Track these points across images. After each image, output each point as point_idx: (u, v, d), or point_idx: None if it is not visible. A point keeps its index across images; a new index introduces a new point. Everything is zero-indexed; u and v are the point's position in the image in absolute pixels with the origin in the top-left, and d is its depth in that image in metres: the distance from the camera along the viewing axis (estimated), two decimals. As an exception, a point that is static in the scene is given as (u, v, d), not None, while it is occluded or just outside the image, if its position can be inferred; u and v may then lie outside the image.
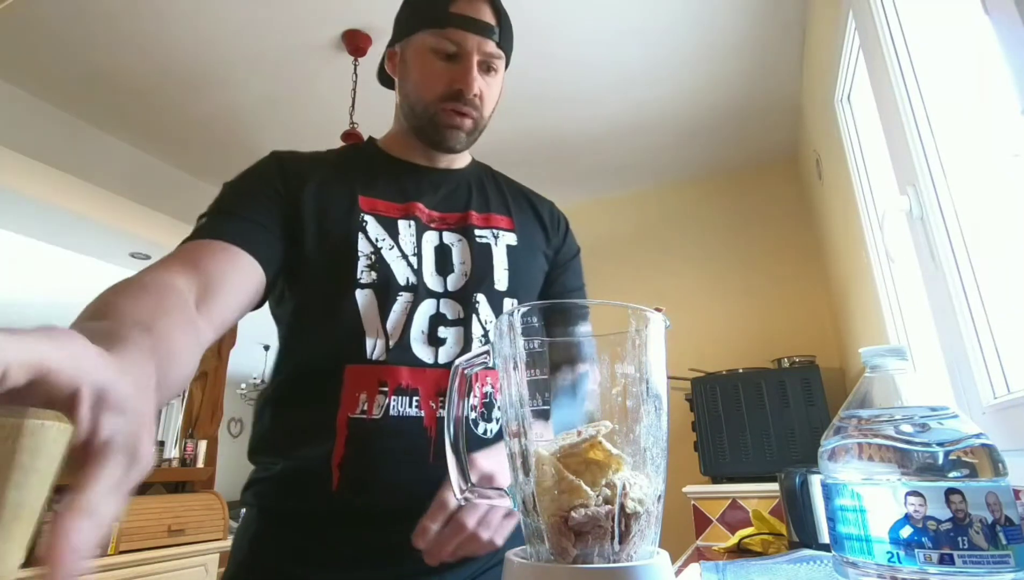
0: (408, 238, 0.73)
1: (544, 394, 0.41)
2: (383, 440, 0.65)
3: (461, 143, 0.76)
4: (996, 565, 0.40)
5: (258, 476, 0.71)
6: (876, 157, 1.62)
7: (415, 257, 0.72)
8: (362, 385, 0.66)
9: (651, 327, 0.42)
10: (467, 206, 0.79)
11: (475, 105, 0.74)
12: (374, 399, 0.65)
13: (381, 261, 0.70)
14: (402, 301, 0.69)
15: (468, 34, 0.72)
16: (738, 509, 2.16)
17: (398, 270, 0.70)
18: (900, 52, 1.18)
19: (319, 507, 0.65)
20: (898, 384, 0.49)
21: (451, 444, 0.44)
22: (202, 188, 3.45)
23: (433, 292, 0.72)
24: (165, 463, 2.76)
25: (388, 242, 0.71)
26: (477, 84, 0.73)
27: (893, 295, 1.58)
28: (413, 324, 0.69)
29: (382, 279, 0.69)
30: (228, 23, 2.20)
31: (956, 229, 1.01)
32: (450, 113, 0.74)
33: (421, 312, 0.70)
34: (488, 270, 0.75)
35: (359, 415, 0.65)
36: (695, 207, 3.33)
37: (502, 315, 0.43)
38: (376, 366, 0.66)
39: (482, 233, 0.77)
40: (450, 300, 0.72)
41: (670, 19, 2.20)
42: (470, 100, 0.73)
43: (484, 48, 0.73)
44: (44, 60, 2.41)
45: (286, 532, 0.66)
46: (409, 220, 0.74)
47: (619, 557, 0.36)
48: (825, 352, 2.76)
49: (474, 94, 0.73)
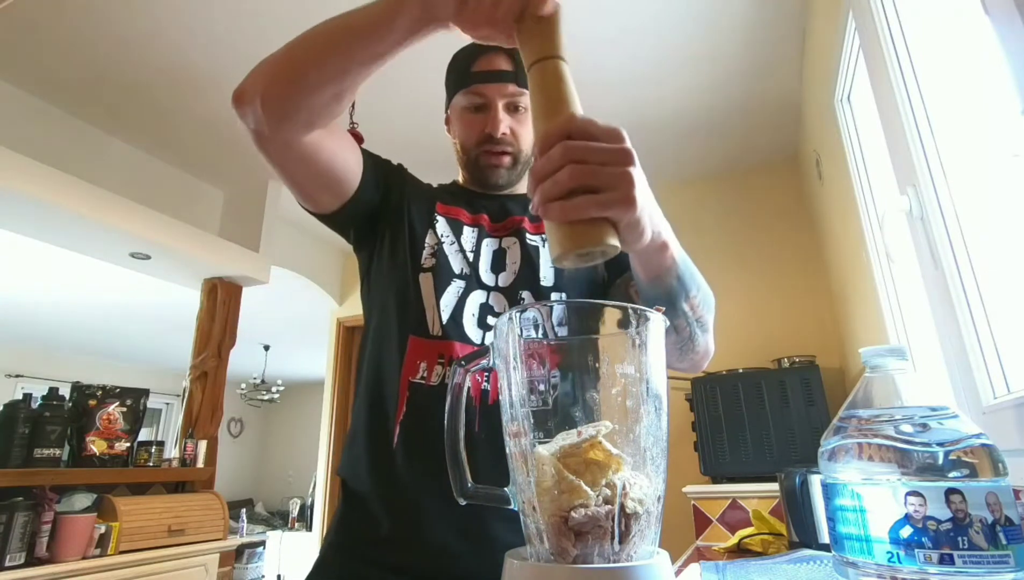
0: (469, 238, 0.84)
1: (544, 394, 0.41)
2: (438, 404, 0.69)
3: (504, 178, 0.87)
4: (996, 565, 0.40)
5: (342, 452, 0.81)
6: (876, 157, 1.62)
7: (472, 253, 0.82)
8: (422, 354, 0.75)
9: (651, 327, 0.42)
10: (523, 214, 0.88)
11: (508, 142, 0.84)
12: (433, 369, 0.74)
13: (441, 252, 0.81)
14: (455, 286, 0.79)
15: (489, 85, 0.83)
16: (738, 509, 2.16)
17: (454, 261, 0.81)
18: (900, 52, 1.18)
19: (380, 465, 0.73)
20: (898, 384, 0.49)
21: (450, 444, 0.44)
22: (202, 188, 3.45)
23: (484, 284, 0.81)
24: (165, 463, 2.76)
25: (451, 238, 0.83)
26: (504, 124, 0.83)
27: (893, 295, 1.58)
28: (465, 308, 0.78)
29: (439, 265, 0.80)
30: (228, 23, 2.20)
31: (956, 229, 1.01)
32: (487, 155, 0.85)
33: (472, 299, 0.79)
34: (535, 269, 0.83)
35: (419, 380, 0.74)
36: (695, 207, 3.33)
37: (502, 315, 0.43)
38: (435, 340, 0.76)
39: (533, 238, 0.86)
40: (499, 294, 0.80)
41: (670, 19, 2.20)
42: (501, 139, 0.83)
43: (505, 92, 0.83)
44: (44, 60, 2.41)
45: (362, 508, 0.74)
46: (474, 228, 0.85)
47: (619, 557, 0.36)
48: (825, 352, 2.77)
49: (503, 133, 0.83)
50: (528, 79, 0.50)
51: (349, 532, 0.75)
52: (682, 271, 0.60)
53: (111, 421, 2.50)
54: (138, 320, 5.47)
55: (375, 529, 0.71)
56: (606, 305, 0.44)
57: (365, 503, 0.73)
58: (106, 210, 2.59)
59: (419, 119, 2.72)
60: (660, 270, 0.57)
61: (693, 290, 0.63)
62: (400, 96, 2.58)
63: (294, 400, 8.57)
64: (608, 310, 0.45)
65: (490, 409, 0.72)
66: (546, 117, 0.46)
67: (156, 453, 2.69)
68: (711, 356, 0.74)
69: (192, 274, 3.14)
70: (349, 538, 0.75)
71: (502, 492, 0.43)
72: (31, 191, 2.31)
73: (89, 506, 2.28)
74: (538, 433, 0.40)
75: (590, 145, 0.43)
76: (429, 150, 2.29)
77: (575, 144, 0.42)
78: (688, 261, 0.62)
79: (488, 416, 0.72)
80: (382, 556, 0.70)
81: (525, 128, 0.86)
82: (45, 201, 2.36)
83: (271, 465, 8.69)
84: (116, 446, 2.49)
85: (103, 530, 2.21)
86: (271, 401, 7.34)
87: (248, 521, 6.43)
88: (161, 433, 7.42)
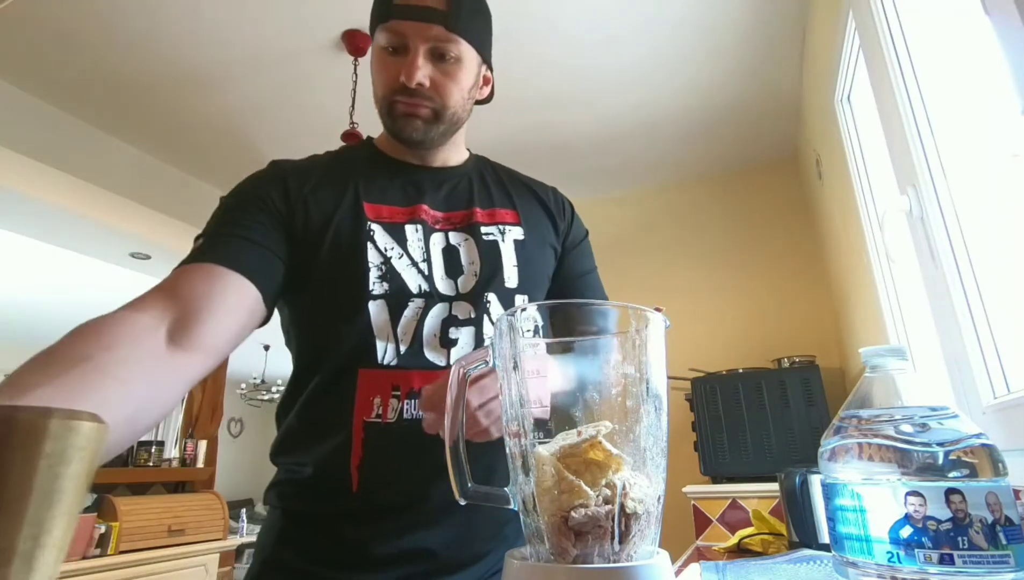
0: (416, 243, 0.73)
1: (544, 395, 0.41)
2: (398, 443, 0.66)
3: (420, 132, 0.74)
4: (996, 565, 0.40)
5: (281, 478, 0.72)
6: (876, 157, 1.62)
7: (425, 263, 0.72)
8: (375, 389, 0.67)
9: (651, 327, 0.42)
10: (470, 203, 0.79)
11: (425, 95, 0.72)
12: (388, 403, 0.66)
13: (392, 271, 0.70)
14: (413, 307, 0.70)
15: (409, 23, 0.70)
16: (738, 509, 2.16)
17: (409, 279, 0.71)
18: (900, 52, 1.18)
19: (340, 507, 0.67)
20: (898, 384, 0.49)
21: (450, 445, 0.44)
22: (202, 188, 3.45)
23: (445, 296, 0.72)
24: (165, 463, 2.76)
25: (397, 250, 0.72)
26: (421, 73, 0.70)
27: (893, 295, 1.58)
28: (424, 328, 0.70)
29: (394, 289, 0.69)
30: (228, 23, 2.20)
31: (956, 229, 1.01)
32: (400, 105, 0.72)
33: (432, 316, 0.71)
34: (497, 268, 0.75)
35: (374, 419, 0.66)
36: (695, 207, 3.33)
37: (502, 315, 0.43)
38: (388, 370, 0.67)
39: (488, 230, 0.77)
40: (462, 302, 0.73)
41: (671, 20, 2.20)
42: (416, 90, 0.71)
43: (428, 34, 0.70)
44: (45, 60, 2.41)
45: (308, 533, 0.68)
46: (416, 224, 0.74)
47: (619, 557, 0.36)
48: (825, 352, 2.76)
49: (419, 83, 0.70)
50: None
51: (294, 551, 0.68)
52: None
53: (111, 421, 2.49)
54: (138, 320, 5.46)
55: (320, 551, 0.67)
56: (606, 305, 0.44)
57: (310, 529, 0.68)
58: (106, 210, 2.59)
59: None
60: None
61: None
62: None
63: (294, 400, 8.56)
64: (608, 310, 0.45)
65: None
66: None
67: (156, 453, 2.69)
68: None
69: (192, 274, 3.13)
70: (296, 559, 0.67)
71: (502, 492, 0.43)
72: (31, 191, 2.31)
73: (89, 506, 2.28)
74: (538, 433, 0.40)
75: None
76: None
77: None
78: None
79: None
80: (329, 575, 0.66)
81: (452, 80, 0.73)
82: (45, 201, 2.36)
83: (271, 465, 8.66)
84: (116, 446, 2.49)
85: (103, 530, 2.21)
86: (271, 401, 7.33)
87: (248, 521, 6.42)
88: (161, 433, 7.37)
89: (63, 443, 0.21)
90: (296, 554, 0.68)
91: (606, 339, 0.43)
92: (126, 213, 2.67)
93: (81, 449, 0.21)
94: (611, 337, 0.42)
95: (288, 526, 0.70)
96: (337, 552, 0.67)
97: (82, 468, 0.21)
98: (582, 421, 0.40)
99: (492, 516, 0.71)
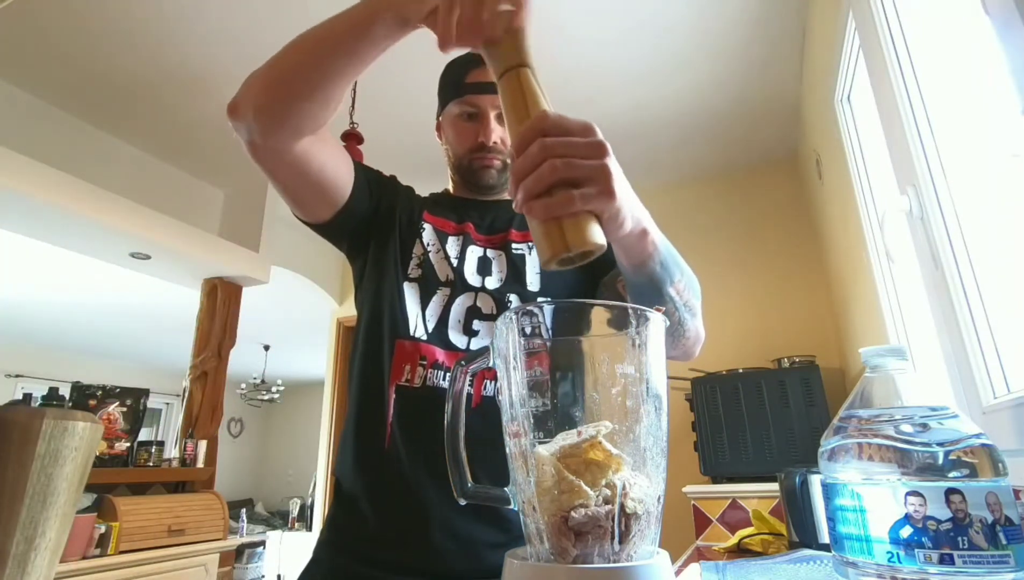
0: (454, 246, 0.87)
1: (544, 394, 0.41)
2: (422, 405, 0.76)
3: (494, 178, 0.91)
4: (996, 565, 0.40)
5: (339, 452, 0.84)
6: (876, 157, 1.62)
7: (457, 259, 0.86)
8: (406, 358, 0.78)
9: (651, 327, 0.42)
10: (509, 226, 0.91)
11: (498, 150, 0.89)
12: (416, 371, 0.78)
13: (427, 261, 0.84)
14: (440, 295, 0.82)
15: (481, 96, 0.88)
16: (738, 509, 2.16)
17: (439, 269, 0.84)
18: (900, 52, 1.18)
19: (372, 466, 0.76)
20: (898, 384, 0.49)
21: (450, 445, 0.44)
22: (202, 188, 3.45)
23: (470, 286, 0.83)
24: (165, 463, 2.76)
25: (436, 247, 0.86)
26: (496, 134, 0.88)
27: (893, 295, 1.58)
28: (451, 314, 0.81)
29: (425, 276, 0.83)
30: (228, 23, 2.20)
31: (956, 229, 1.01)
32: (479, 160, 0.89)
33: (459, 304, 0.82)
34: (520, 273, 0.86)
35: (404, 383, 0.77)
36: (695, 207, 3.33)
37: (502, 315, 0.43)
38: (418, 343, 0.79)
39: (519, 246, 0.89)
40: (486, 296, 0.83)
41: (671, 20, 2.20)
42: (492, 147, 0.88)
43: (495, 103, 0.87)
44: (45, 60, 2.41)
45: (357, 509, 0.76)
46: (459, 236, 0.88)
47: (619, 557, 0.36)
48: (825, 352, 2.76)
49: (494, 141, 0.88)
50: (499, 87, 0.51)
51: (341, 530, 0.77)
52: (664, 257, 0.63)
53: (111, 421, 2.50)
54: (138, 320, 5.47)
55: (365, 527, 0.74)
56: (606, 305, 0.44)
57: (356, 502, 0.76)
58: (106, 210, 2.59)
59: (414, 127, 2.72)
60: (643, 257, 0.60)
61: (677, 275, 0.65)
62: (399, 104, 2.58)
63: (294, 400, 8.56)
64: (608, 310, 0.45)
65: (473, 412, 0.73)
66: (520, 120, 0.47)
67: (156, 453, 2.69)
68: (702, 341, 0.77)
69: (192, 274, 3.14)
70: (341, 536, 0.77)
71: (502, 492, 0.43)
72: (31, 191, 2.31)
73: (89, 506, 2.28)
74: (538, 433, 0.40)
75: (566, 140, 0.44)
76: (414, 155, 2.28)
77: (552, 140, 0.43)
78: (670, 247, 0.65)
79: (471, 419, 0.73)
80: (373, 553, 0.72)
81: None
82: (45, 201, 2.36)
83: (271, 465, 8.68)
84: (116, 446, 2.49)
85: (103, 530, 2.21)
86: (271, 401, 7.33)
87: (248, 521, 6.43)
88: (161, 433, 7.41)
89: (56, 443, 0.20)
90: (345, 531, 0.77)
91: (606, 339, 0.43)
92: (126, 213, 2.67)
93: (75, 449, 0.21)
94: (611, 337, 0.42)
95: (339, 503, 0.79)
96: (371, 523, 0.74)
97: (76, 468, 0.21)
98: (582, 421, 0.40)
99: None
